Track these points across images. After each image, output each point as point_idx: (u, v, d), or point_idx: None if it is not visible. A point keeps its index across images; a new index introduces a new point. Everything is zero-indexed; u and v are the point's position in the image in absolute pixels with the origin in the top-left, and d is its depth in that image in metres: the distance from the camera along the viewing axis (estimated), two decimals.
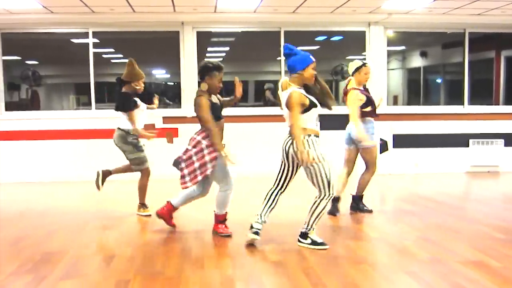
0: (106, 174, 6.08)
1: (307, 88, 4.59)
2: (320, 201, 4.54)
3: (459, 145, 9.50)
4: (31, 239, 5.08)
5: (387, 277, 3.91)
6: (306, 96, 4.49)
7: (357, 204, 6.06)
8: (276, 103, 5.80)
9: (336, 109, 4.82)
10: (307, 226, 4.61)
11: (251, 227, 4.65)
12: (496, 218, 5.78)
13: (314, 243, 4.60)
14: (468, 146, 9.49)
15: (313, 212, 4.56)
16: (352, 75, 5.85)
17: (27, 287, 3.71)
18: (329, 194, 4.52)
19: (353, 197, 6.10)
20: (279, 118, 4.98)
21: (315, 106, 4.51)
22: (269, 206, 4.72)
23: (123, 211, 6.29)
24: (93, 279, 3.91)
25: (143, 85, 6.00)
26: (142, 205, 6.09)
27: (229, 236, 5.02)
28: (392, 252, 4.54)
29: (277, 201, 4.75)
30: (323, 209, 4.55)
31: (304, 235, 4.63)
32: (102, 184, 6.06)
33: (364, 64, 5.81)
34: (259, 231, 4.64)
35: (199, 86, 4.99)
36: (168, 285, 3.74)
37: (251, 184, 7.10)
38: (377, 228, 5.50)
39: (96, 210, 6.39)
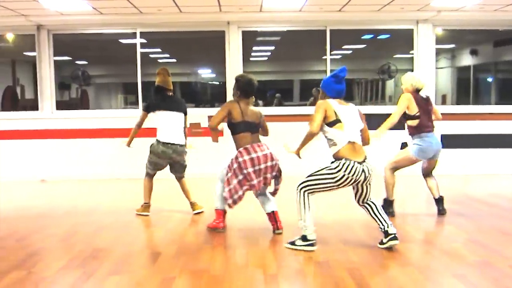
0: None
1: None
2: (377, 202, 4.69)
3: (511, 146, 9.21)
4: (80, 235, 5.23)
5: (435, 280, 3.84)
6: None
7: (443, 206, 5.97)
8: None
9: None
10: (388, 225, 4.56)
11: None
12: None
13: None
14: None
15: (382, 212, 4.61)
16: None
17: (77, 282, 3.82)
18: None
19: (438, 200, 5.97)
20: None
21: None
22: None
23: (169, 209, 6.39)
24: (140, 275, 4.00)
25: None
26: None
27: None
28: (440, 255, 4.45)
29: None
30: None
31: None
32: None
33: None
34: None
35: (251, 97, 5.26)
36: (212, 283, 3.78)
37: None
38: (425, 230, 5.40)
39: None
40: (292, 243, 4.61)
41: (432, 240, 4.93)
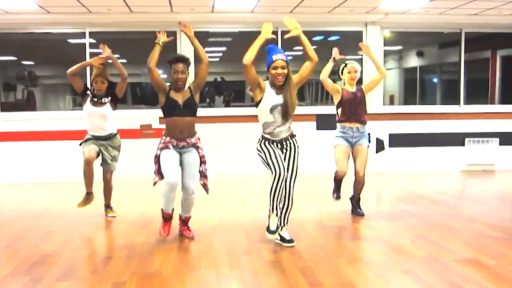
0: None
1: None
2: None
3: (455, 144, 9.54)
4: (28, 240, 5.06)
5: (384, 276, 3.93)
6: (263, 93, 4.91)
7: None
8: None
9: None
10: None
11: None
12: (492, 217, 5.81)
13: None
14: (463, 145, 9.53)
15: None
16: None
17: None
18: None
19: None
20: None
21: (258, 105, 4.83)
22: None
23: (119, 213, 6.21)
24: (90, 281, 3.90)
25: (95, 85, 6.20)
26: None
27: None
28: (389, 251, 4.57)
29: None
30: None
31: None
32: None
33: (346, 65, 5.99)
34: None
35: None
36: (164, 286, 3.74)
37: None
38: (374, 227, 5.52)
39: (92, 211, 6.25)
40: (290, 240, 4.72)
41: (381, 237, 5.04)
